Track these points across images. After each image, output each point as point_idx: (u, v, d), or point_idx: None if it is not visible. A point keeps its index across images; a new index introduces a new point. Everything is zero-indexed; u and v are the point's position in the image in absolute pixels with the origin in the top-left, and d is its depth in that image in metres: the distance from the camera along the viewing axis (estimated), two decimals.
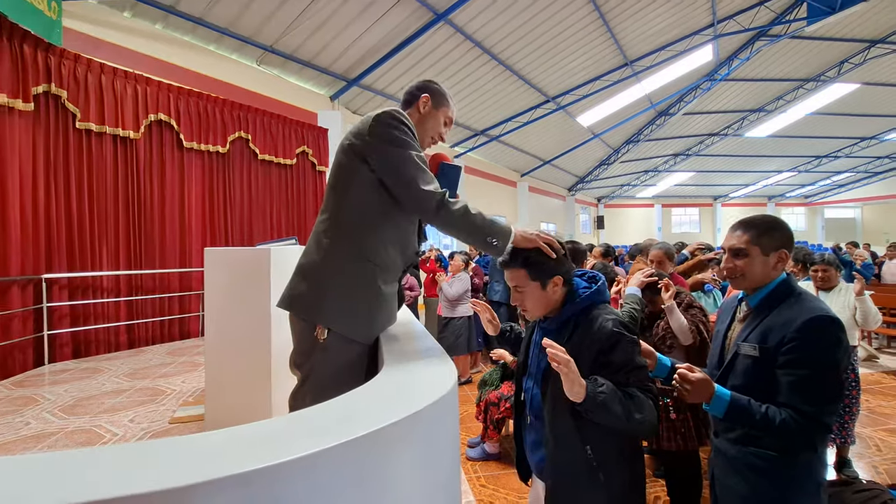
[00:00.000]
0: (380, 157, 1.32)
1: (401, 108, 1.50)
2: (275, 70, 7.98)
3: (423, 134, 1.51)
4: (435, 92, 1.52)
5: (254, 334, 2.82)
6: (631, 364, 1.31)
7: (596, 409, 1.20)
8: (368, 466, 0.71)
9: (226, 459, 0.61)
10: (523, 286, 1.41)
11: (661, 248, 2.96)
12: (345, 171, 1.37)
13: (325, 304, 1.31)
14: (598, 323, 1.34)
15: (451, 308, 4.96)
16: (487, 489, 2.83)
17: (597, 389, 1.20)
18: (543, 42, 9.88)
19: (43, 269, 4.93)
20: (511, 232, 1.36)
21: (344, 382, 1.23)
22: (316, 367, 1.33)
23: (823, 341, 1.23)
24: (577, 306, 1.41)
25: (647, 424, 1.25)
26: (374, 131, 1.32)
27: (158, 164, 6.09)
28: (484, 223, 1.33)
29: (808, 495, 1.28)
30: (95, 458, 0.64)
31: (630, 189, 24.36)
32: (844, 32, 11.99)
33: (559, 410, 1.32)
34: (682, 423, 2.35)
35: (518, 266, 1.40)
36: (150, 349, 5.78)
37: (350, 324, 1.32)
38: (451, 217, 1.31)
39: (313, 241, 1.39)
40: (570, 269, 1.45)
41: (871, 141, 18.91)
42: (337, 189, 1.38)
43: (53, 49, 4.94)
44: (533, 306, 1.44)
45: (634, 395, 1.25)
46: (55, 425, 3.29)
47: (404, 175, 1.30)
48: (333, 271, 1.33)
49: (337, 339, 1.31)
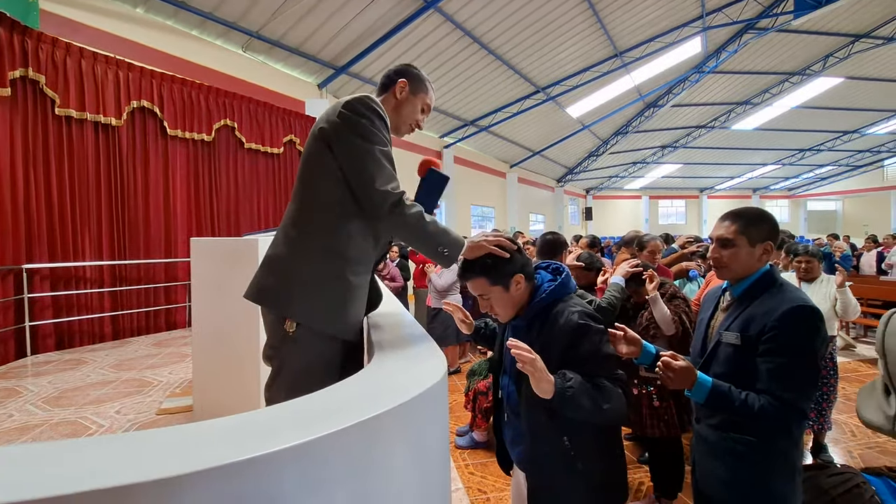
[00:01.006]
0: (342, 147, 1.27)
1: (376, 93, 1.46)
2: (261, 57, 7.83)
3: (399, 120, 1.46)
4: (413, 77, 1.45)
5: (242, 325, 2.80)
6: (598, 354, 1.32)
7: (565, 404, 1.20)
8: (360, 455, 0.72)
9: (216, 450, 0.61)
10: (487, 293, 1.40)
11: (658, 240, 3.08)
12: (313, 160, 1.32)
13: (293, 296, 1.27)
14: (564, 317, 1.34)
15: (440, 298, 4.97)
16: (476, 476, 2.87)
17: (565, 385, 1.21)
18: (534, 32, 9.84)
19: (23, 259, 4.83)
20: (462, 244, 1.34)
21: (316, 378, 1.20)
22: (286, 360, 1.30)
23: (803, 330, 1.27)
24: (542, 302, 1.41)
25: (616, 413, 1.27)
26: (341, 117, 1.27)
27: (142, 152, 5.96)
28: (437, 231, 1.29)
29: (784, 479, 1.32)
30: (85, 449, 0.64)
31: (618, 181, 24.54)
32: (830, 27, 12.14)
33: (534, 406, 1.33)
34: (665, 410, 2.41)
35: (477, 275, 1.39)
36: (135, 340, 5.71)
37: (318, 317, 1.27)
38: (402, 220, 1.26)
39: (281, 232, 1.35)
40: (527, 264, 1.43)
41: (853, 135, 19.26)
42: (304, 178, 1.33)
43: (30, 32, 4.78)
44: (502, 309, 1.44)
45: (602, 386, 1.26)
46: (39, 417, 3.25)
47: (362, 169, 1.25)
48: (301, 263, 1.28)
49: (306, 333, 1.27)
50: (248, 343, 2.78)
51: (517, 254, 1.40)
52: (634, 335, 1.48)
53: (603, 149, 19.00)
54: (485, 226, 16.14)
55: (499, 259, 1.36)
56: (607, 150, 19.02)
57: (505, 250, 1.37)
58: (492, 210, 16.70)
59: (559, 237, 2.87)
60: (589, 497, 1.37)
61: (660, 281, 2.46)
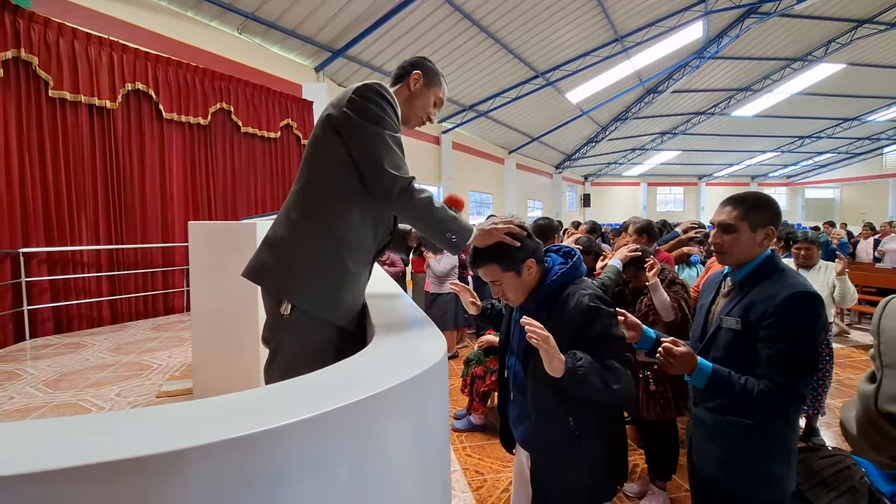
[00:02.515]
0: (352, 131, 1.27)
1: (390, 84, 1.46)
2: (257, 39, 7.71)
3: (412, 112, 1.47)
4: (428, 70, 1.47)
5: (240, 308, 2.81)
6: (608, 336, 1.34)
7: (575, 383, 1.22)
8: (362, 431, 0.73)
9: (222, 424, 0.62)
10: (499, 279, 1.41)
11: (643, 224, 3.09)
12: (319, 144, 1.32)
13: (290, 279, 1.28)
14: (575, 299, 1.36)
15: (439, 284, 4.98)
16: (473, 458, 2.91)
17: (576, 364, 1.22)
18: (534, 15, 9.69)
19: (20, 243, 4.80)
20: (472, 231, 1.35)
21: (310, 361, 1.21)
22: (282, 343, 1.32)
23: (803, 316, 1.27)
24: (553, 285, 1.42)
25: (625, 394, 1.28)
26: (352, 103, 1.27)
27: (137, 135, 5.90)
28: (446, 217, 1.31)
29: (779, 460, 1.34)
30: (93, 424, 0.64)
31: (617, 167, 24.44)
32: (833, 12, 12.00)
33: (541, 385, 1.35)
34: (662, 394, 2.44)
35: (489, 262, 1.40)
36: (133, 324, 5.72)
37: (312, 300, 1.28)
38: (412, 205, 1.27)
39: (282, 215, 1.35)
40: (538, 248, 1.45)
41: (853, 122, 19.18)
42: (310, 162, 1.34)
43: (22, 12, 4.69)
44: (514, 294, 1.44)
45: (612, 367, 1.28)
46: (40, 399, 3.27)
47: (372, 153, 1.26)
48: (300, 246, 1.29)
49: (303, 317, 1.27)
50: (247, 325, 2.79)
51: (527, 239, 1.41)
52: (635, 320, 1.50)
53: (602, 135, 18.88)
54: (483, 212, 16.09)
55: (509, 245, 1.37)
56: (606, 136, 18.90)
57: (515, 237, 1.38)
58: (490, 196, 16.65)
59: (551, 222, 2.90)
60: (590, 477, 1.39)
61: (660, 267, 2.46)
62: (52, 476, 0.50)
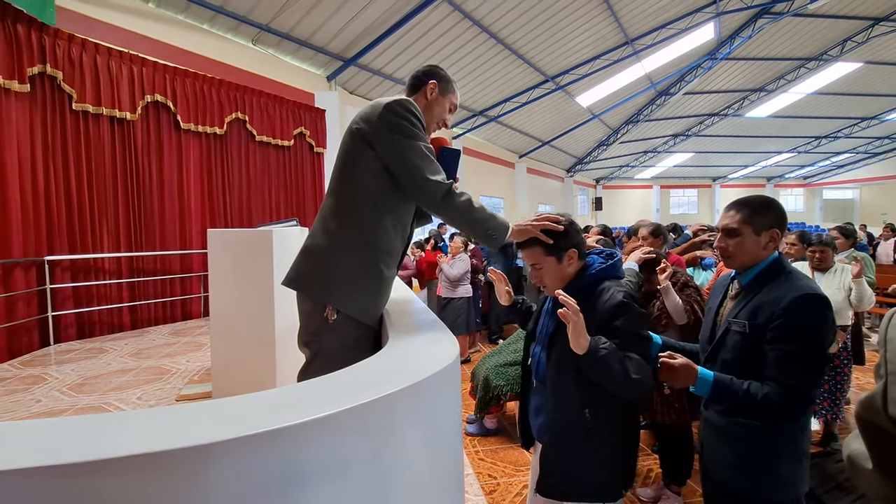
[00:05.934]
0: (387, 146, 1.36)
1: (406, 93, 1.54)
2: (270, 50, 7.87)
3: (429, 120, 1.55)
4: (442, 78, 1.55)
5: (258, 313, 2.87)
6: (635, 333, 1.37)
7: (596, 363, 1.27)
8: (379, 428, 0.76)
9: (245, 421, 0.66)
10: (541, 262, 1.48)
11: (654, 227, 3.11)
12: (351, 157, 1.41)
13: (335, 287, 1.38)
14: (609, 293, 1.40)
15: (452, 289, 5.02)
16: (486, 462, 2.93)
17: (599, 345, 1.27)
18: (543, 20, 9.73)
19: (45, 251, 4.96)
20: (508, 227, 1.43)
21: (350, 359, 1.28)
22: (324, 345, 1.40)
23: (810, 318, 1.28)
24: (591, 278, 1.47)
25: (643, 386, 1.29)
26: (383, 119, 1.36)
27: (156, 145, 6.06)
28: (485, 216, 1.40)
29: (790, 462, 1.34)
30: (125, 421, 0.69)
31: (629, 170, 24.26)
32: (848, 10, 11.82)
33: (562, 372, 1.40)
34: (676, 398, 2.43)
35: (533, 244, 1.47)
36: (153, 330, 5.85)
37: (358, 307, 1.39)
38: (454, 208, 1.36)
39: (320, 224, 1.44)
40: (582, 243, 1.51)
41: (872, 121, 18.77)
42: (343, 173, 1.42)
43: (47, 29, 4.87)
44: (551, 281, 1.49)
45: (633, 358, 1.30)
46: (65, 402, 3.37)
47: (411, 165, 1.35)
48: (340, 255, 1.38)
49: (345, 320, 1.37)
50: (264, 330, 2.86)
51: (571, 228, 1.48)
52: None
53: (613, 138, 18.78)
54: None
55: (553, 233, 1.44)
56: (618, 139, 18.79)
57: (552, 231, 1.44)
58: (501, 201, 16.65)
59: None
60: (598, 472, 1.41)
61: (672, 270, 2.47)
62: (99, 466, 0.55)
